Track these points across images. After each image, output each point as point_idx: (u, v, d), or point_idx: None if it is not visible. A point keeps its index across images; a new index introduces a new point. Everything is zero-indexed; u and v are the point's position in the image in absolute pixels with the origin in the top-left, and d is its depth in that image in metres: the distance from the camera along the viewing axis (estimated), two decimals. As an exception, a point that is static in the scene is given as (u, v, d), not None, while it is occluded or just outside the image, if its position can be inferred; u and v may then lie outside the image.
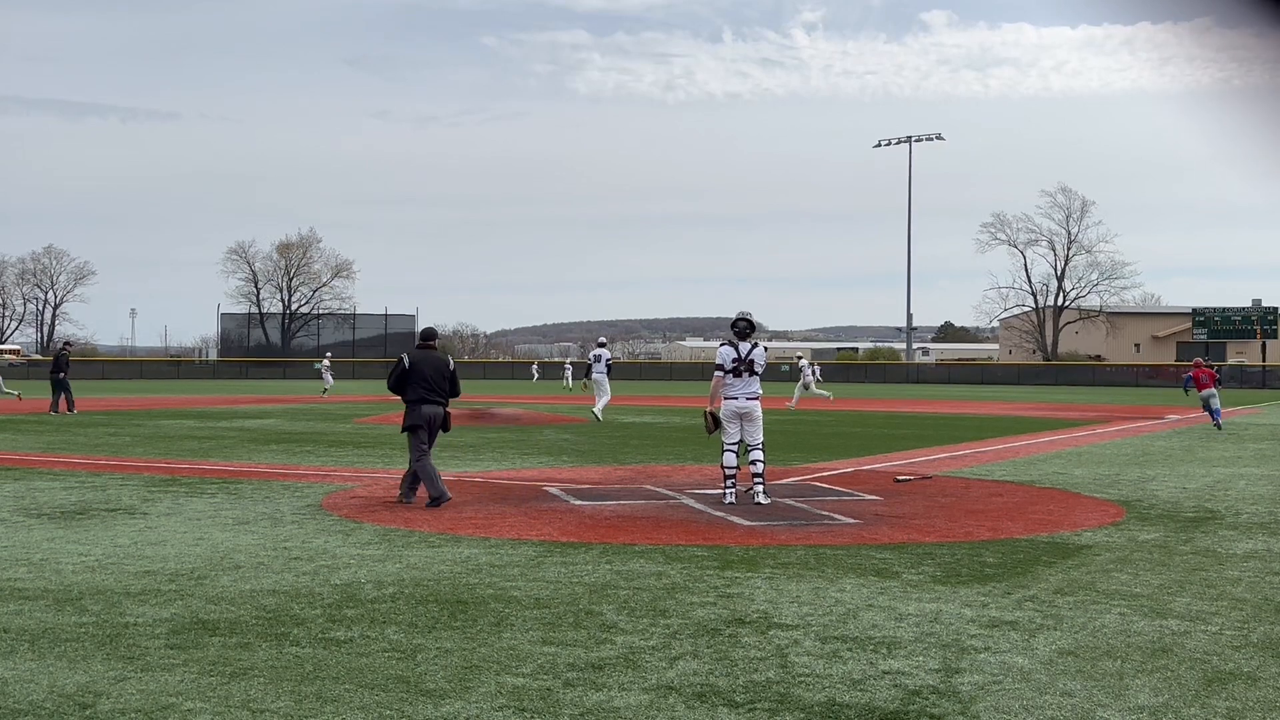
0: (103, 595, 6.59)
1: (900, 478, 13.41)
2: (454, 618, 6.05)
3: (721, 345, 11.17)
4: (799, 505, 10.87)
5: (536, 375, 74.47)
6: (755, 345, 11.02)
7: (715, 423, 11.01)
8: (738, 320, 11.11)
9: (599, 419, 24.66)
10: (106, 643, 5.48)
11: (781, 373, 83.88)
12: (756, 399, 10.98)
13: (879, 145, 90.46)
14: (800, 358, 37.52)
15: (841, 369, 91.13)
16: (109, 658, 5.21)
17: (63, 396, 27.46)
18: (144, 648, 5.39)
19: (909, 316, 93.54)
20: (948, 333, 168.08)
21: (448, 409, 11.29)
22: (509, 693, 4.68)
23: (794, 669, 5.08)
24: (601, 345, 27.30)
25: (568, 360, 26.66)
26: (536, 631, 5.75)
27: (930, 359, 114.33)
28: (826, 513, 10.36)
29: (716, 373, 11.04)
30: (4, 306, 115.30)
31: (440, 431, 11.28)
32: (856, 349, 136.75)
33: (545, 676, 4.92)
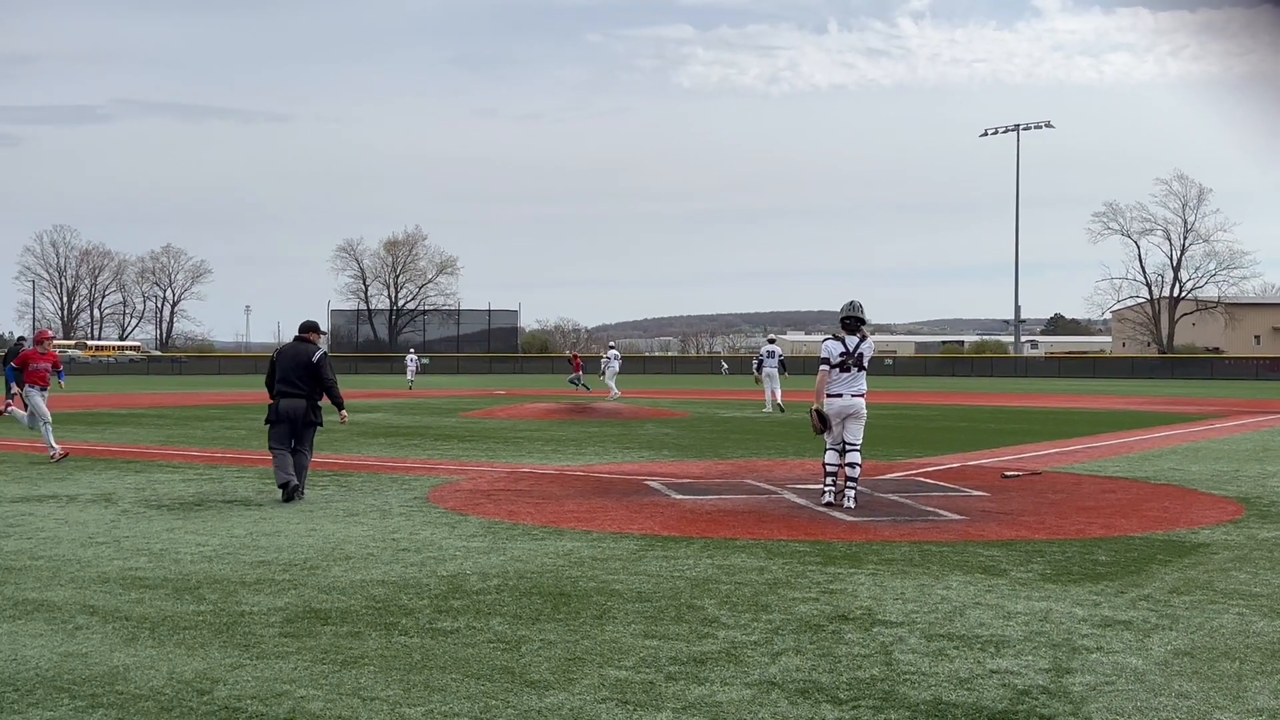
0: (219, 584, 6.80)
1: (1008, 473, 13.15)
2: (557, 610, 6.11)
3: (826, 339, 10.63)
4: (903, 501, 10.73)
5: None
6: (864, 339, 10.48)
7: (823, 421, 10.46)
8: (846, 314, 10.54)
9: (782, 409, 25.87)
10: (223, 630, 5.66)
11: (885, 366, 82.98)
12: (863, 396, 10.45)
13: (986, 134, 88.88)
14: (611, 345, 39.67)
15: (947, 362, 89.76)
16: (225, 645, 5.37)
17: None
18: (259, 636, 5.55)
19: (1017, 309, 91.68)
20: (1058, 325, 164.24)
21: (315, 403, 11.08)
22: (611, 685, 4.71)
23: (899, 667, 5.02)
24: (772, 341, 28.12)
25: (764, 354, 27.16)
26: (638, 625, 5.77)
27: (1039, 352, 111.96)
28: (932, 509, 10.20)
29: (822, 368, 10.49)
30: (125, 304, 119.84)
31: (311, 427, 11.09)
32: (962, 342, 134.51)
33: (647, 669, 4.94)
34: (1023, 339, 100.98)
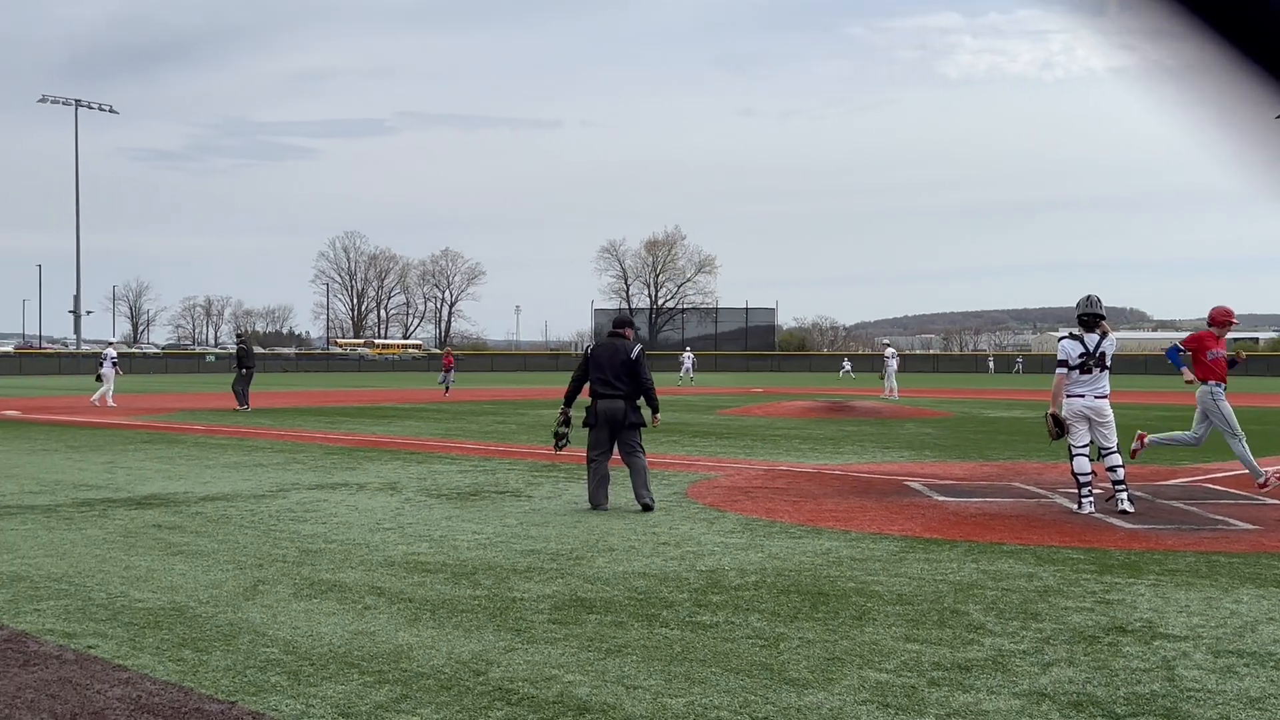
0: (493, 571, 7.15)
1: (1309, 481, 12.07)
2: (815, 609, 6.08)
3: (1062, 339, 10.08)
4: (1188, 508, 10.07)
5: (846, 369, 71.68)
6: (1104, 336, 9.84)
7: (1060, 426, 9.88)
8: (1084, 311, 9.95)
9: None
10: (497, 615, 5.94)
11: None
12: (1106, 397, 9.85)
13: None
14: None
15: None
16: (499, 629, 5.64)
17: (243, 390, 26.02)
18: (529, 621, 5.80)
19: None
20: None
21: (634, 403, 10.22)
22: (872, 687, 4.65)
23: (1182, 683, 4.72)
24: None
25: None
26: (899, 628, 5.67)
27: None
28: (1221, 517, 9.53)
29: (1059, 369, 9.93)
30: (408, 305, 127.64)
31: (633, 429, 10.16)
32: (1257, 339, 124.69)
33: (909, 674, 4.85)
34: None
